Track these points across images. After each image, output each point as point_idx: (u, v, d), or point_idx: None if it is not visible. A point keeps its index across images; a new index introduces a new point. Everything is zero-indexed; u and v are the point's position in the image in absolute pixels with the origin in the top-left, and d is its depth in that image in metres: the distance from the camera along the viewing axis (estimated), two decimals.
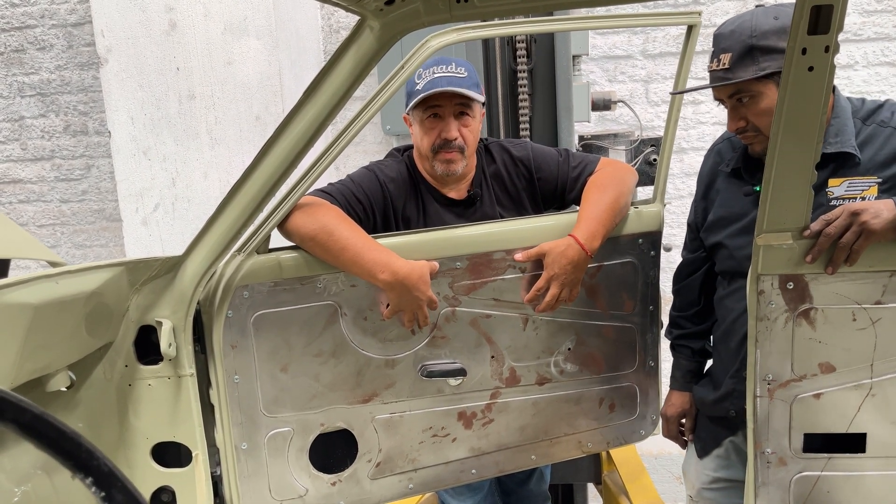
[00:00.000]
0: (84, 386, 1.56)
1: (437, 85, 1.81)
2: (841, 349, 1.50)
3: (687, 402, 1.95)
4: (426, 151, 1.88)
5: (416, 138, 1.92)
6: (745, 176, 1.70)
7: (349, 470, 1.83)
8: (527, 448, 1.95)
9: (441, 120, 1.85)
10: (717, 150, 1.84)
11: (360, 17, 1.34)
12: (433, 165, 1.89)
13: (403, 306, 1.69)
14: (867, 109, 1.60)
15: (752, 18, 1.54)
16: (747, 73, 1.52)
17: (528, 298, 1.75)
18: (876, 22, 3.52)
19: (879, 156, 1.53)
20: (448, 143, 1.85)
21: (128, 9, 3.31)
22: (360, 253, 1.64)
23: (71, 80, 3.99)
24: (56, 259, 1.58)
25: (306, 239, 1.66)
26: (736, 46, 1.53)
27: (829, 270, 1.46)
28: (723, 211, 1.74)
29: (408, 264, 1.66)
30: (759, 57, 1.52)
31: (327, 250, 1.64)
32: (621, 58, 3.68)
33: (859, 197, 1.54)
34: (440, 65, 1.84)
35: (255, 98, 3.32)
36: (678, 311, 1.98)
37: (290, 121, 1.44)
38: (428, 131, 1.87)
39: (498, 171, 1.99)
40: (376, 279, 1.64)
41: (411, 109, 1.89)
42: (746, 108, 1.57)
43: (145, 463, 1.64)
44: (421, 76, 1.84)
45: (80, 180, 4.12)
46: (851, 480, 1.56)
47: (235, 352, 1.69)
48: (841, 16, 1.23)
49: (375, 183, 1.88)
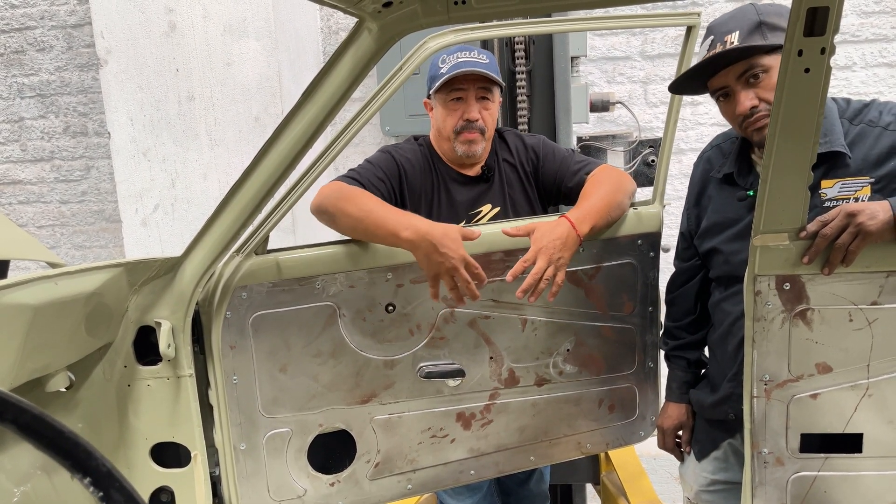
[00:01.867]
0: (83, 386, 1.56)
1: (461, 67, 1.88)
2: (838, 349, 1.50)
3: (684, 413, 1.92)
4: (448, 132, 1.95)
5: (438, 120, 1.99)
6: (739, 180, 1.69)
7: (348, 470, 1.84)
8: (526, 449, 1.95)
9: (464, 102, 1.93)
10: (706, 157, 1.82)
11: (359, 19, 1.34)
12: (454, 147, 1.95)
13: (436, 269, 1.60)
14: (853, 109, 1.59)
15: (750, 5, 1.56)
16: (761, 43, 1.51)
17: (512, 273, 1.61)
18: (874, 23, 3.53)
19: (871, 155, 1.53)
20: (470, 123, 1.92)
21: (127, 10, 3.31)
22: (382, 215, 1.68)
23: (71, 81, 4.00)
24: (55, 260, 1.59)
25: (336, 213, 1.72)
26: (744, 25, 1.53)
27: (826, 271, 1.46)
28: (716, 217, 1.73)
29: (432, 223, 1.62)
30: (766, 33, 1.52)
31: (355, 217, 1.69)
32: (620, 59, 3.68)
33: (853, 197, 1.54)
34: (463, 51, 1.92)
35: (254, 99, 3.33)
36: (673, 321, 1.93)
37: (289, 122, 1.44)
38: (451, 113, 1.94)
39: (510, 154, 2.06)
40: (399, 238, 1.62)
41: (434, 92, 1.96)
42: (758, 86, 1.55)
43: (144, 463, 1.64)
44: (445, 61, 1.92)
45: (79, 181, 4.12)
46: (848, 480, 1.56)
47: (234, 352, 1.69)
48: (837, 18, 1.24)
49: (393, 164, 1.95)
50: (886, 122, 1.54)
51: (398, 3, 1.29)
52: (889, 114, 1.55)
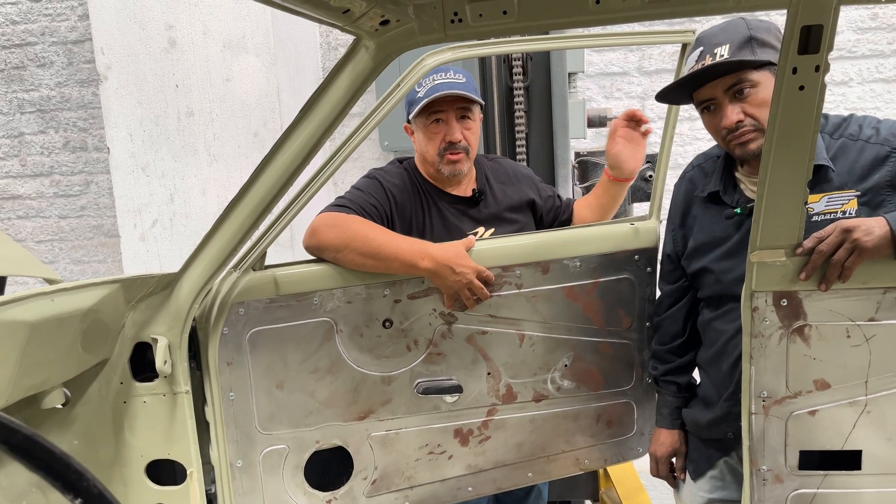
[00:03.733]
0: (79, 403, 1.56)
1: (438, 90, 1.87)
2: (835, 366, 1.50)
3: (677, 440, 1.86)
4: (432, 156, 1.94)
5: (420, 145, 1.98)
6: (725, 198, 1.69)
7: (345, 487, 1.82)
8: (524, 465, 1.94)
9: (444, 124, 1.92)
10: (688, 177, 1.81)
11: (356, 37, 1.35)
12: (439, 168, 1.95)
13: (455, 287, 1.73)
14: (833, 124, 1.60)
15: (740, 19, 1.57)
16: (750, 58, 1.52)
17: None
18: (870, 39, 3.55)
19: (855, 168, 1.53)
20: (453, 145, 1.91)
21: (127, 26, 3.33)
22: (397, 248, 1.70)
23: (70, 96, 4.02)
24: (52, 276, 1.59)
25: (342, 249, 1.70)
26: (734, 39, 1.53)
27: (823, 287, 1.46)
28: (704, 236, 1.72)
29: (441, 246, 1.73)
30: (756, 48, 1.52)
31: (365, 254, 1.69)
32: (617, 75, 3.70)
33: (840, 211, 1.54)
34: (439, 72, 1.91)
35: (253, 114, 3.34)
36: (661, 344, 1.89)
37: (288, 137, 1.45)
38: (432, 136, 1.93)
39: (499, 174, 2.08)
40: (419, 268, 1.70)
41: (414, 117, 1.95)
42: (745, 101, 1.55)
43: (140, 480, 1.63)
44: (421, 84, 1.91)
45: (78, 196, 4.13)
46: (848, 497, 1.55)
47: (231, 369, 1.69)
48: (831, 36, 1.24)
49: (381, 189, 1.93)
50: (867, 135, 1.55)
51: (395, 21, 1.30)
52: (869, 127, 1.56)
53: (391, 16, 1.28)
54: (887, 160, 1.52)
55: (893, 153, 1.52)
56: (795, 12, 1.22)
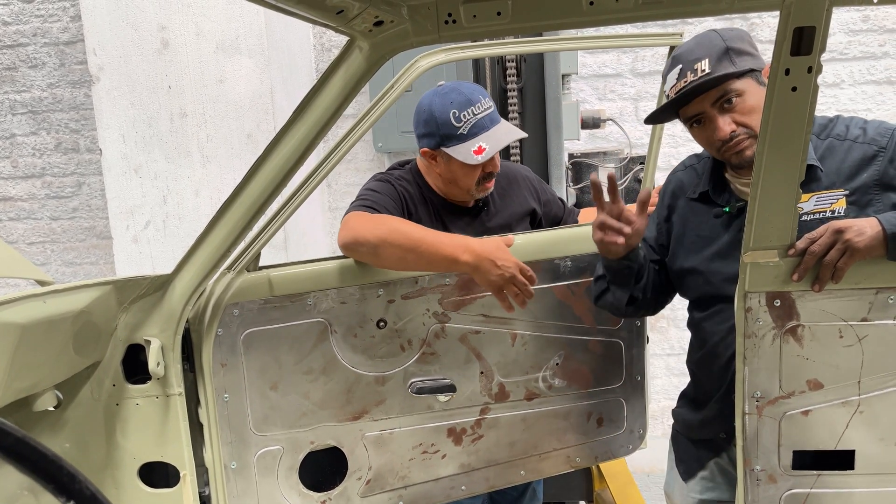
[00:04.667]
0: (71, 405, 1.55)
1: (484, 127, 1.82)
2: (828, 366, 1.50)
3: None
4: (468, 185, 1.89)
5: (455, 173, 1.89)
6: (714, 198, 1.69)
7: (339, 488, 1.82)
8: (516, 463, 1.95)
9: None
10: (678, 177, 1.81)
11: (350, 38, 1.35)
12: (471, 193, 1.92)
13: (498, 282, 1.68)
14: (819, 125, 1.61)
15: (712, 32, 1.57)
16: (732, 69, 1.53)
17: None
18: (861, 41, 3.57)
19: (843, 168, 1.55)
20: (491, 175, 1.90)
21: (120, 28, 3.32)
22: (436, 242, 1.67)
23: (63, 97, 4.00)
24: (44, 278, 1.58)
25: (381, 244, 1.66)
26: (712, 52, 1.53)
27: (816, 288, 1.46)
28: (692, 235, 1.72)
29: (481, 240, 1.71)
30: (735, 58, 1.53)
31: (405, 248, 1.66)
32: (611, 76, 3.71)
33: (828, 210, 1.55)
34: (471, 105, 1.83)
35: (246, 116, 3.33)
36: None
37: (281, 139, 1.44)
38: (472, 170, 1.86)
39: (500, 183, 2.04)
40: (459, 263, 1.67)
41: (450, 149, 1.84)
42: (734, 111, 1.56)
43: (133, 484, 1.63)
44: (460, 119, 1.82)
45: (70, 198, 4.10)
46: (841, 497, 1.55)
47: (225, 370, 1.68)
48: (823, 37, 1.25)
49: (394, 191, 1.92)
50: (854, 135, 1.56)
51: (389, 21, 1.30)
52: (856, 127, 1.58)
53: (385, 16, 1.28)
54: (874, 159, 1.53)
55: (881, 152, 1.53)
56: (788, 14, 1.23)
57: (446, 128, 1.84)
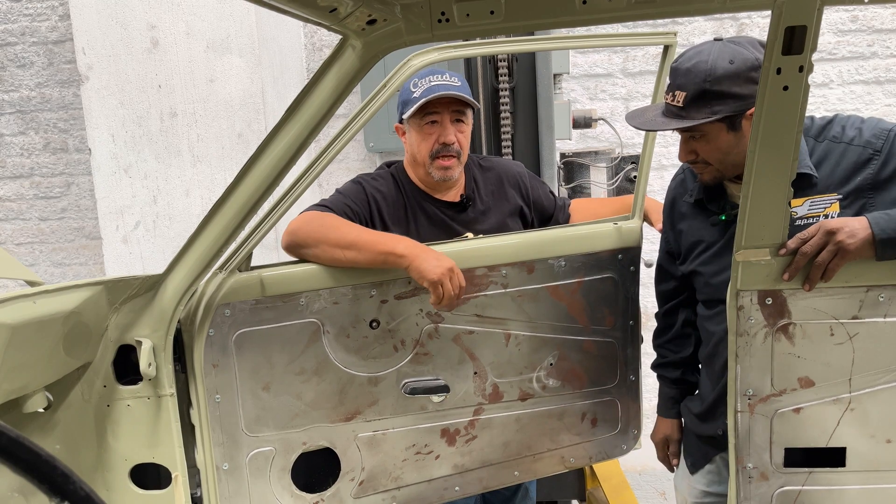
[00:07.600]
0: (62, 407, 1.54)
1: (435, 91, 1.86)
2: (819, 364, 1.51)
3: (669, 428, 1.96)
4: (424, 157, 1.93)
5: (413, 145, 1.97)
6: (710, 205, 1.71)
7: (332, 489, 1.82)
8: (510, 464, 1.94)
9: (439, 125, 1.91)
10: (679, 179, 1.84)
11: (342, 37, 1.35)
12: (429, 172, 1.94)
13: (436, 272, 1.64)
14: (818, 126, 1.62)
15: (709, 59, 1.52)
16: (699, 115, 1.53)
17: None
18: (850, 41, 3.59)
19: (837, 172, 1.56)
20: (447, 147, 1.91)
21: (109, 27, 3.30)
22: (372, 239, 1.71)
23: (51, 97, 3.97)
24: (34, 278, 1.57)
25: (318, 243, 1.70)
26: (690, 87, 1.53)
27: (807, 287, 1.47)
28: (693, 239, 1.76)
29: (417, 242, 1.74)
30: (712, 101, 1.52)
31: (341, 245, 1.69)
32: (602, 76, 3.72)
33: (822, 214, 1.56)
34: (434, 74, 1.90)
35: (237, 115, 3.32)
36: (657, 338, 1.98)
37: (273, 138, 1.44)
38: (426, 137, 1.92)
39: (489, 180, 2.06)
40: (395, 253, 1.68)
41: (408, 118, 1.93)
42: (697, 144, 1.61)
43: (124, 485, 1.62)
44: (417, 85, 1.90)
45: (59, 198, 4.07)
46: (832, 494, 1.57)
47: (217, 371, 1.67)
48: (814, 36, 1.26)
49: (363, 194, 1.92)
50: (850, 136, 1.57)
51: (382, 20, 1.29)
52: (852, 128, 1.58)
53: (378, 15, 1.28)
54: (869, 163, 1.54)
55: (875, 156, 1.53)
56: (779, 13, 1.24)
57: (405, 94, 1.94)
